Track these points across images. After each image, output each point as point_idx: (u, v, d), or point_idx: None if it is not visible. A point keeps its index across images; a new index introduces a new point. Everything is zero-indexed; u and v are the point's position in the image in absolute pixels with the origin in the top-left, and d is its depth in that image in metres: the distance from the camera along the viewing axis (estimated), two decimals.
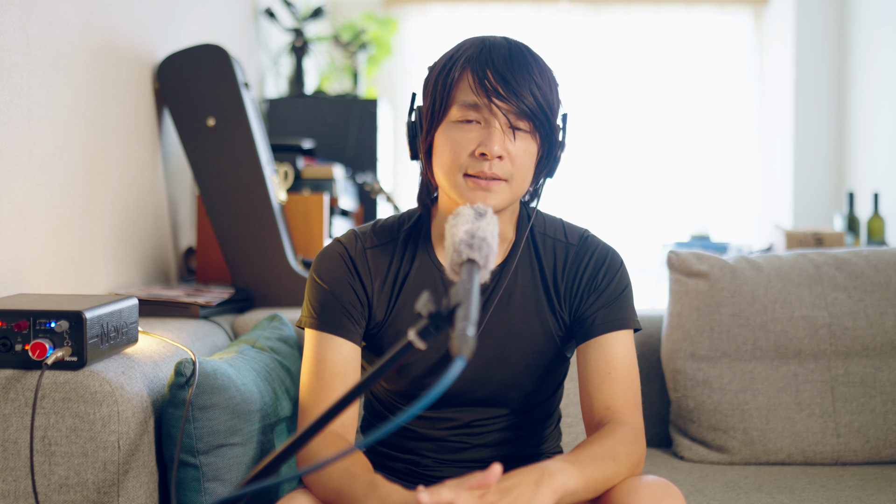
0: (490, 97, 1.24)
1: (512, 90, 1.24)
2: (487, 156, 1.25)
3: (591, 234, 1.43)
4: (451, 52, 1.32)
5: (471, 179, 1.27)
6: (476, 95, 1.25)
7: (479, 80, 1.25)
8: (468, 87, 1.26)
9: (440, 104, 1.28)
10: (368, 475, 1.19)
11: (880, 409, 1.87)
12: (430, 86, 1.32)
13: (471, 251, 1.04)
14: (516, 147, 1.27)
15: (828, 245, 3.10)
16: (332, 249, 1.39)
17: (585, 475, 1.15)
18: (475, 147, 1.26)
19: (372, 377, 0.91)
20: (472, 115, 1.26)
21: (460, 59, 1.28)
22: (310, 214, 2.39)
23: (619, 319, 1.35)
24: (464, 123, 1.27)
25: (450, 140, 1.28)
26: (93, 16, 1.85)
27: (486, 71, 1.25)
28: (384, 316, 1.37)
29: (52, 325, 1.26)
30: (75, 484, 1.28)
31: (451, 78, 1.28)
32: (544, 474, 1.10)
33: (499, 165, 1.26)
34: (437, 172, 1.31)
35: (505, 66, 1.25)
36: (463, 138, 1.27)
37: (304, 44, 3.44)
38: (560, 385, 1.46)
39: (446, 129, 1.29)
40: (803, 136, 4.80)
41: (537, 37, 5.06)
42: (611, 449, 1.22)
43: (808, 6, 4.76)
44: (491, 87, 1.24)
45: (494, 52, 1.27)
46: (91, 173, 1.85)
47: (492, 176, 1.26)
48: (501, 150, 1.25)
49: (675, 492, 1.20)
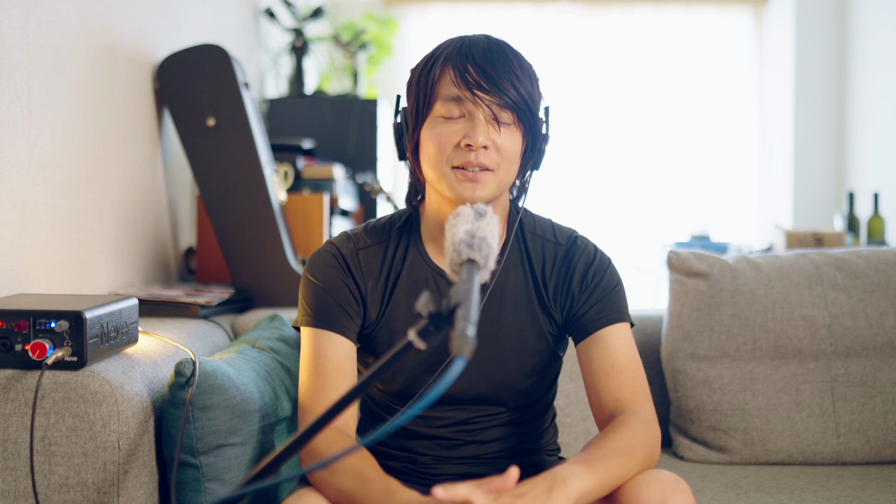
0: (472, 90, 1.26)
1: (493, 82, 1.26)
2: (473, 146, 1.27)
3: (579, 234, 1.44)
4: (432, 51, 1.34)
5: (458, 171, 1.29)
6: (458, 89, 1.27)
7: (461, 74, 1.27)
8: (450, 81, 1.28)
9: (423, 101, 1.31)
10: (383, 480, 1.19)
11: (880, 409, 1.87)
12: (412, 85, 1.34)
13: (471, 251, 1.04)
14: (501, 137, 1.29)
15: (828, 245, 3.10)
16: (324, 251, 1.40)
17: (599, 475, 1.15)
18: (460, 138, 1.28)
19: (374, 375, 0.91)
20: (455, 110, 1.28)
21: (440, 56, 1.31)
22: (310, 214, 2.39)
23: (615, 313, 1.37)
24: (448, 119, 1.29)
25: (435, 133, 1.30)
26: (93, 16, 1.85)
27: (467, 65, 1.27)
28: (378, 315, 1.38)
29: (52, 325, 1.26)
30: (75, 484, 1.28)
31: (432, 75, 1.30)
32: (556, 480, 1.10)
33: (485, 155, 1.28)
34: (425, 168, 1.33)
35: (485, 60, 1.27)
36: (448, 131, 1.29)
37: (304, 44, 3.44)
38: (554, 382, 1.48)
39: (431, 125, 1.31)
40: (803, 136, 4.80)
41: (537, 37, 5.06)
42: (624, 443, 1.22)
43: (808, 6, 4.76)
44: (472, 79, 1.27)
45: (474, 47, 1.29)
46: (91, 173, 1.85)
47: (478, 165, 1.28)
48: (486, 140, 1.27)
49: (685, 487, 1.21)
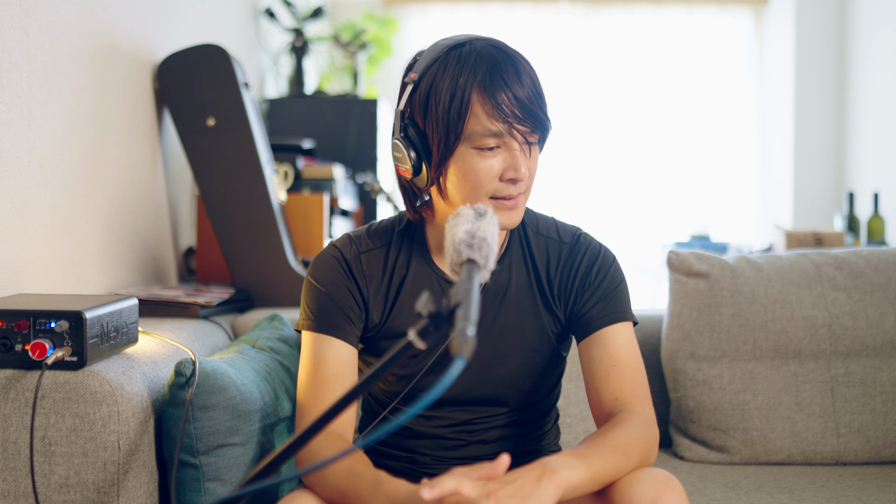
0: (511, 123, 1.24)
1: (528, 112, 1.25)
2: (517, 179, 1.27)
3: (583, 232, 1.44)
4: (454, 73, 1.25)
5: (498, 201, 1.28)
6: (495, 123, 1.24)
7: (498, 108, 1.24)
8: (486, 115, 1.24)
9: (454, 135, 1.26)
10: (373, 472, 1.20)
11: (880, 409, 1.87)
12: (434, 112, 1.26)
13: (471, 251, 1.04)
14: (531, 161, 1.29)
15: (828, 245, 3.10)
16: (327, 253, 1.39)
17: (592, 469, 1.15)
18: (501, 171, 1.27)
19: (372, 377, 0.91)
20: (491, 143, 1.26)
21: (468, 85, 1.24)
22: (310, 214, 2.39)
23: (617, 312, 1.36)
24: (485, 151, 1.26)
25: (472, 169, 1.26)
26: (93, 16, 1.85)
27: (502, 95, 1.24)
28: (381, 318, 1.37)
29: (52, 325, 1.26)
30: (75, 484, 1.28)
31: (463, 107, 1.25)
32: (546, 470, 1.10)
33: (521, 183, 1.28)
34: (452, 194, 1.30)
35: (518, 86, 1.24)
36: (486, 164, 1.26)
37: (304, 44, 3.44)
38: (557, 383, 1.47)
39: (464, 156, 1.27)
40: (803, 136, 4.80)
41: (537, 37, 5.06)
42: (622, 440, 1.22)
43: (808, 6, 4.76)
44: (510, 112, 1.24)
45: (503, 73, 1.25)
46: (91, 173, 1.85)
47: (518, 195, 1.29)
48: (527, 169, 1.28)
49: (677, 484, 1.20)
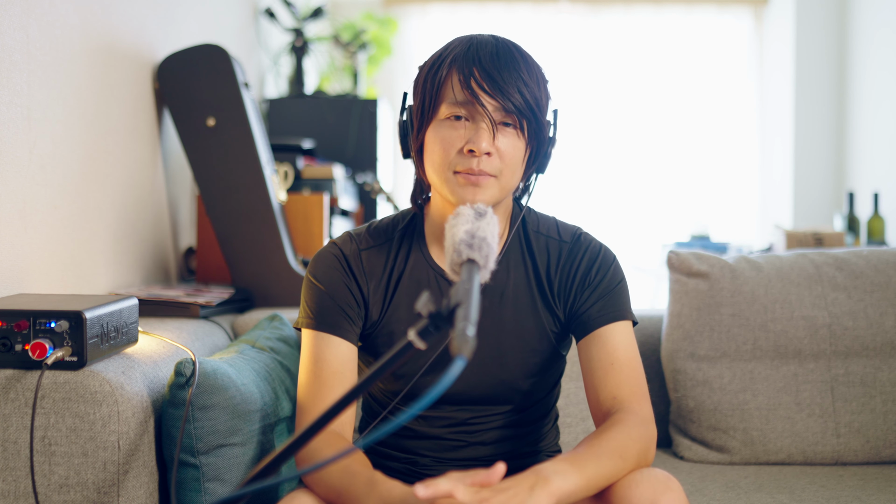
0: (477, 95, 1.26)
1: (498, 88, 1.26)
2: (475, 152, 1.27)
3: (584, 231, 1.44)
4: (440, 51, 1.34)
5: (461, 175, 1.29)
6: (463, 93, 1.27)
7: (466, 79, 1.27)
8: (456, 85, 1.28)
9: (429, 103, 1.31)
10: (368, 472, 1.20)
11: (880, 409, 1.87)
12: (419, 85, 1.34)
13: (471, 251, 1.04)
14: (504, 143, 1.29)
15: (828, 245, 3.10)
16: (327, 251, 1.40)
17: (586, 475, 1.14)
18: (463, 144, 1.28)
19: (372, 377, 0.91)
20: (460, 113, 1.28)
21: (448, 57, 1.30)
22: (310, 214, 2.39)
23: (617, 311, 1.36)
24: (452, 121, 1.29)
25: (439, 138, 1.30)
26: (93, 16, 1.85)
27: (473, 69, 1.27)
28: (379, 316, 1.38)
29: (52, 325, 1.26)
30: (75, 484, 1.28)
31: (439, 76, 1.30)
32: (539, 478, 1.09)
33: (487, 162, 1.28)
34: (429, 170, 1.33)
35: (491, 64, 1.27)
36: (451, 135, 1.29)
37: (304, 44, 3.44)
38: (557, 383, 1.47)
39: (436, 127, 1.31)
40: (803, 136, 4.80)
41: (537, 37, 5.06)
42: (619, 442, 1.21)
43: (808, 6, 4.76)
44: (478, 85, 1.26)
45: (481, 50, 1.28)
46: (91, 173, 1.85)
47: (479, 172, 1.28)
48: (489, 146, 1.27)
49: (676, 485, 1.20)
